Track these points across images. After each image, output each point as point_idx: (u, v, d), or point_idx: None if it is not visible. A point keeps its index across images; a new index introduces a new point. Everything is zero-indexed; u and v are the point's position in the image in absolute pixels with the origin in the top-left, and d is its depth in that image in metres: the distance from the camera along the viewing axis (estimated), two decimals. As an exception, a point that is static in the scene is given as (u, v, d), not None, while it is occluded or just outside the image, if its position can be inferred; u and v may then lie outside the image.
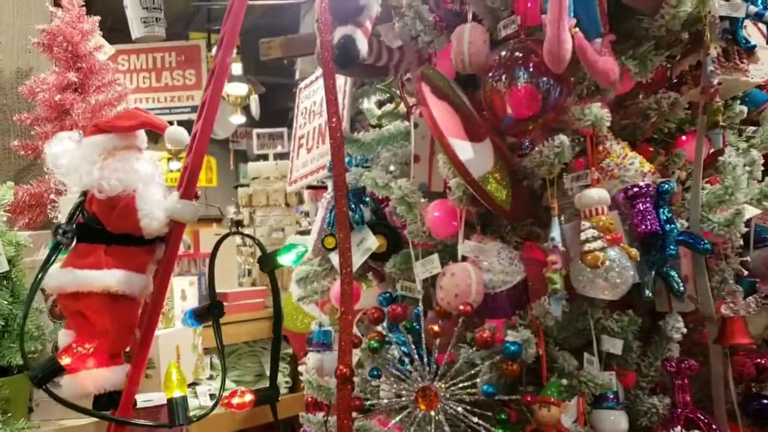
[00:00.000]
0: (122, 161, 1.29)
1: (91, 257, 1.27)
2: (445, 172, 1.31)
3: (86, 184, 1.30)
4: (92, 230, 1.29)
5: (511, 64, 1.27)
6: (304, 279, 1.65)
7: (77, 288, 1.27)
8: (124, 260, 1.28)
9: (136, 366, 1.32)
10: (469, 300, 1.26)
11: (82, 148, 1.32)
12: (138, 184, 1.28)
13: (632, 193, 1.27)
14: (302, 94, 1.95)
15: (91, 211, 1.29)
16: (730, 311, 1.26)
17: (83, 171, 1.29)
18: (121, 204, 1.27)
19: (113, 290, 1.26)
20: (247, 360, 3.59)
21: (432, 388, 1.27)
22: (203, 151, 1.32)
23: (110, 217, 1.28)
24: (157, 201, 1.28)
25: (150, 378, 1.99)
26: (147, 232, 1.28)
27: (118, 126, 1.34)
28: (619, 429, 1.29)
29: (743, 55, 1.43)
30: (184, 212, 1.30)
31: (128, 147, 1.34)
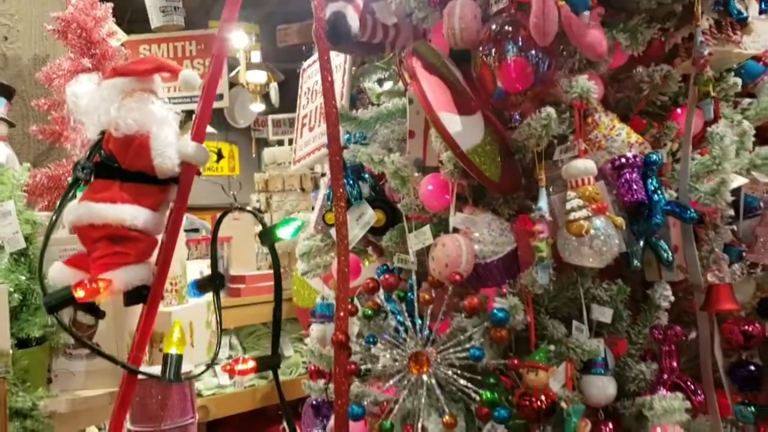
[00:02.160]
0: (138, 102, 1.36)
1: (107, 192, 1.34)
2: (437, 146, 1.35)
3: (104, 123, 1.36)
4: (108, 168, 1.36)
5: (501, 38, 1.30)
6: (307, 254, 1.71)
7: (92, 220, 1.35)
8: (137, 197, 1.35)
9: (150, 307, 1.37)
10: (459, 270, 1.30)
11: (101, 89, 1.39)
12: (153, 126, 1.35)
13: (619, 163, 1.30)
14: (305, 75, 1.99)
15: (107, 149, 1.36)
16: (716, 278, 1.29)
17: (101, 111, 1.36)
18: (136, 143, 1.33)
19: (126, 224, 1.33)
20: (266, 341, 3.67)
21: (424, 353, 1.31)
22: (212, 97, 1.38)
23: (125, 154, 1.34)
24: (170, 142, 1.35)
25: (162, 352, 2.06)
26: (160, 170, 1.35)
27: (135, 70, 1.41)
28: (607, 394, 1.32)
29: (736, 26, 1.44)
30: (194, 153, 1.36)
31: (144, 90, 1.41)
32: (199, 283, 1.46)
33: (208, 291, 1.45)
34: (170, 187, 1.40)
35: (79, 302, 1.31)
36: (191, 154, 1.35)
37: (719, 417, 1.32)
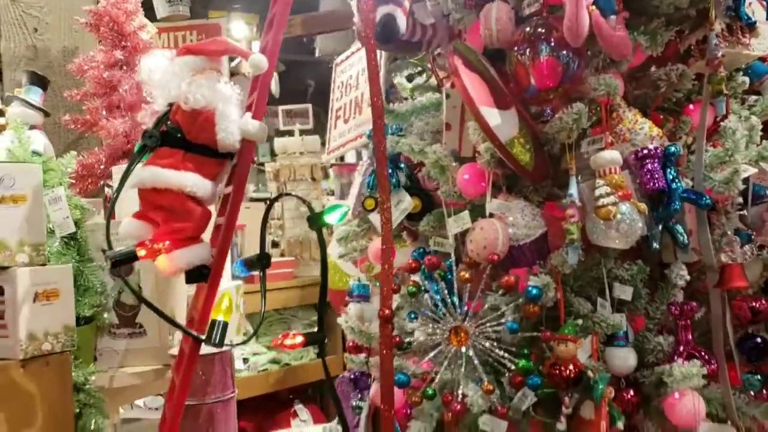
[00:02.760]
0: (208, 80, 1.47)
1: (171, 159, 1.45)
2: (474, 137, 1.47)
3: (174, 97, 1.47)
4: (174, 137, 1.47)
5: (535, 39, 1.42)
6: (344, 238, 1.82)
7: (155, 184, 1.45)
8: (198, 166, 1.46)
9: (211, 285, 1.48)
10: (496, 251, 1.43)
11: (174, 65, 1.50)
12: (219, 102, 1.46)
13: (642, 154, 1.43)
14: (338, 69, 2.10)
15: (174, 120, 1.47)
16: (729, 258, 1.42)
17: (173, 85, 1.47)
18: (202, 117, 1.45)
19: (187, 190, 1.44)
20: (278, 327, 3.77)
21: (463, 327, 1.44)
22: (269, 79, 1.53)
23: (192, 127, 1.45)
24: (234, 119, 1.47)
25: (199, 331, 2.17)
26: (222, 145, 1.46)
27: (207, 50, 1.52)
28: (628, 364, 1.46)
29: (745, 30, 1.57)
30: (255, 131, 1.48)
31: (213, 69, 1.51)
32: (247, 262, 1.58)
33: (256, 269, 1.57)
34: (226, 162, 1.52)
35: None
36: (252, 131, 1.48)
37: (729, 385, 1.46)
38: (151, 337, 2.01)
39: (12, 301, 1.53)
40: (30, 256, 1.57)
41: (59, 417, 1.56)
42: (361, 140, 1.88)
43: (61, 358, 1.58)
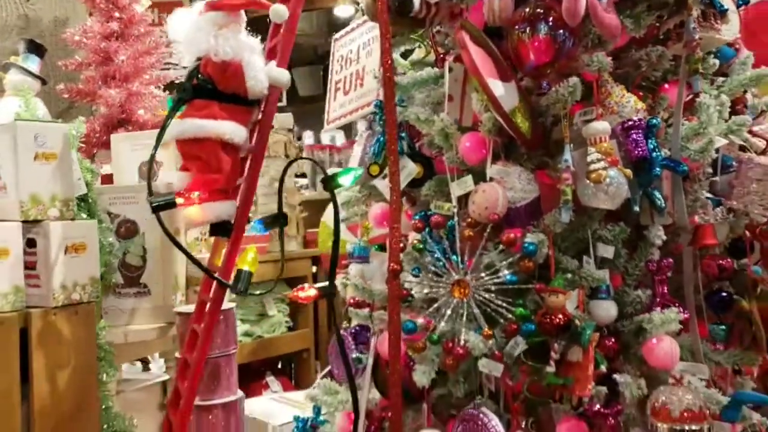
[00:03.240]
0: (233, 33, 1.58)
1: (207, 110, 1.56)
2: (478, 107, 1.61)
3: (203, 50, 1.58)
4: (206, 89, 1.58)
5: (534, 18, 1.56)
6: (346, 203, 1.95)
7: (195, 134, 1.57)
8: (233, 115, 1.57)
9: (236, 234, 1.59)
10: (497, 211, 1.57)
11: (199, 22, 1.60)
12: (245, 53, 1.57)
13: (628, 125, 1.58)
14: (337, 44, 2.21)
15: (205, 73, 1.58)
16: (702, 219, 1.60)
17: (201, 39, 1.57)
18: (232, 67, 1.56)
19: (226, 138, 1.56)
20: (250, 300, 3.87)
21: (465, 280, 1.58)
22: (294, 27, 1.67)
23: (222, 77, 1.56)
24: (260, 67, 1.59)
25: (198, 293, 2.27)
26: (252, 92, 1.58)
27: (228, 5, 1.63)
28: (610, 315, 1.61)
29: (717, 17, 1.74)
30: (280, 77, 1.60)
31: (234, 22, 1.62)
32: (266, 221, 1.69)
33: (274, 227, 1.68)
34: (254, 109, 1.64)
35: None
36: (278, 78, 1.60)
37: (698, 334, 1.64)
38: (156, 297, 2.11)
39: (45, 253, 1.61)
40: (61, 211, 1.65)
41: (86, 362, 1.66)
42: (364, 110, 2.00)
43: (88, 308, 1.67)
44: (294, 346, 4.08)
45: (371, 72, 1.99)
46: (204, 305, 1.68)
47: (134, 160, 2.26)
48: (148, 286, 2.09)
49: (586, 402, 1.55)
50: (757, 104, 1.96)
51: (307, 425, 2.08)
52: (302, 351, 4.14)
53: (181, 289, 2.19)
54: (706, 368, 1.56)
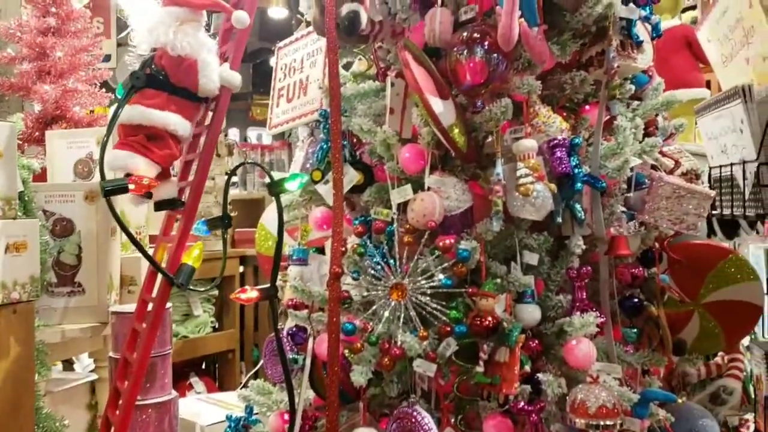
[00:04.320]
0: (193, 30, 1.62)
1: (157, 100, 1.60)
2: (417, 121, 1.71)
3: (162, 42, 1.62)
4: (158, 80, 1.61)
5: (471, 42, 1.67)
6: (287, 206, 2.00)
7: (141, 121, 1.61)
8: (180, 108, 1.62)
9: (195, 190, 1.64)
10: (434, 219, 1.67)
11: (161, 14, 1.64)
12: (202, 51, 1.62)
13: (553, 143, 1.71)
14: (281, 53, 2.27)
15: (160, 64, 1.62)
16: (617, 231, 1.76)
17: (161, 32, 1.60)
18: (187, 63, 1.60)
19: (170, 129, 1.61)
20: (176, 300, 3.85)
21: (402, 284, 1.68)
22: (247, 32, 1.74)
23: (176, 71, 1.61)
24: (214, 67, 1.64)
25: (132, 293, 2.27)
26: (203, 90, 1.63)
27: (192, 3, 1.67)
28: (534, 318, 1.74)
29: (634, 47, 1.91)
30: (232, 79, 1.66)
31: (195, 20, 1.66)
32: (210, 222, 1.73)
33: (217, 228, 1.72)
34: (201, 106, 1.68)
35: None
36: (230, 80, 1.66)
37: (612, 337, 1.80)
38: (90, 296, 2.10)
39: (-15, 251, 1.59)
40: (3, 210, 1.64)
41: (24, 362, 1.65)
42: (307, 118, 2.06)
43: (27, 307, 1.67)
44: (219, 347, 4.08)
45: (315, 82, 2.06)
46: (146, 304, 1.71)
47: (69, 157, 2.25)
48: (82, 285, 2.08)
49: (512, 400, 1.66)
50: (667, 126, 2.16)
51: (239, 425, 2.12)
52: (228, 352, 4.14)
53: (115, 289, 2.18)
54: (619, 368, 1.71)
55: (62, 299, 2.08)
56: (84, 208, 1.96)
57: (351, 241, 1.85)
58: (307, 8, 2.07)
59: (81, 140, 2.27)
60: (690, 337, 1.98)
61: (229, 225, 1.71)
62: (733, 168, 2.08)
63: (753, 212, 2.01)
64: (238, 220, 4.55)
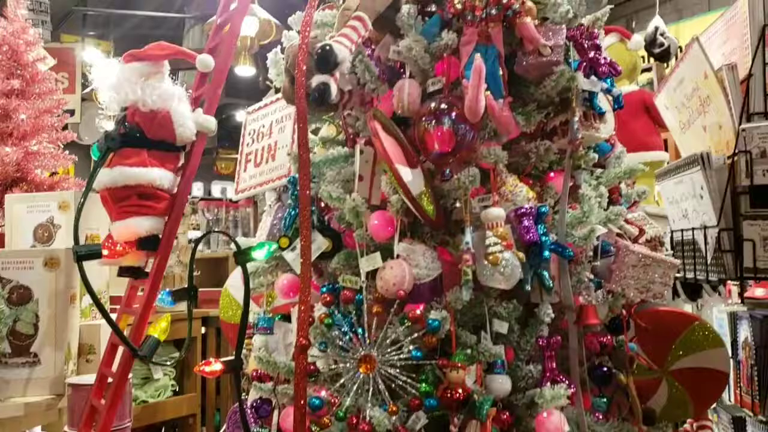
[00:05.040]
0: (158, 82, 1.61)
1: (137, 158, 1.58)
2: (387, 189, 1.71)
3: (132, 100, 1.61)
4: (134, 137, 1.59)
5: (440, 113, 1.70)
6: (253, 273, 1.97)
7: (126, 182, 1.59)
8: (162, 161, 1.61)
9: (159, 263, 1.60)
10: (404, 288, 1.66)
11: (123, 72, 1.62)
12: (173, 101, 1.60)
13: (520, 212, 1.73)
14: (249, 117, 2.27)
15: (133, 122, 1.60)
16: (585, 300, 1.76)
17: (128, 89, 1.59)
18: (160, 116, 1.59)
19: (156, 184, 1.58)
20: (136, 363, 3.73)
21: (371, 355, 1.65)
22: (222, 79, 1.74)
23: (151, 126, 1.59)
24: (188, 115, 1.63)
25: (90, 363, 2.19)
26: (181, 139, 1.62)
27: (153, 55, 1.67)
28: (505, 389, 1.72)
29: (596, 117, 1.96)
30: (208, 124, 1.66)
31: (159, 72, 1.65)
32: (175, 293, 1.69)
33: (183, 300, 1.68)
34: (181, 154, 1.68)
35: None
36: (206, 124, 1.66)
37: (583, 406, 1.78)
38: (47, 367, 2.02)
39: None
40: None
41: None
42: (274, 183, 2.05)
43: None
44: (180, 411, 3.94)
45: (284, 147, 2.06)
46: (105, 378, 1.64)
47: (29, 222, 2.19)
48: (38, 355, 2.00)
49: (484, 473, 1.62)
50: (631, 193, 2.20)
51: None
52: (188, 416, 4.01)
53: (73, 358, 2.10)
54: (590, 439, 1.69)
55: (17, 370, 1.99)
56: (43, 275, 1.89)
57: (318, 309, 1.82)
58: (276, 75, 2.09)
59: (42, 204, 2.22)
60: (659, 404, 1.98)
61: (196, 297, 1.67)
62: (695, 232, 2.12)
63: (715, 277, 2.04)
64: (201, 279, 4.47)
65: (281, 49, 2.07)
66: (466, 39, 1.73)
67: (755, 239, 1.89)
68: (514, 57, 1.82)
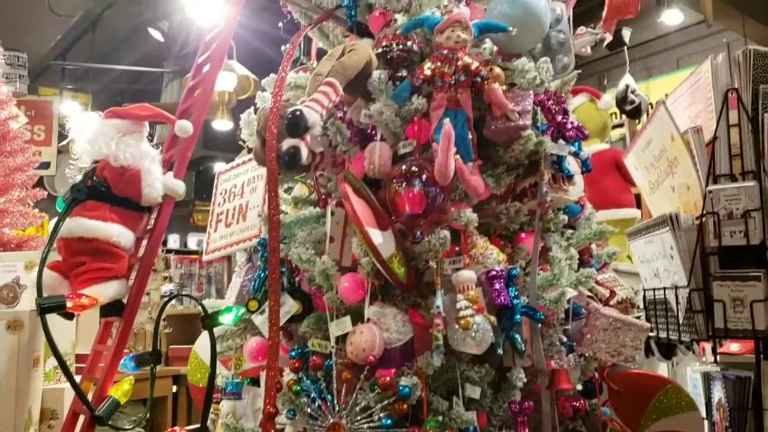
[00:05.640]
0: (135, 141, 1.61)
1: (98, 212, 1.56)
2: (357, 251, 1.70)
3: (105, 154, 1.61)
4: (100, 191, 1.58)
5: (410, 175, 1.71)
6: (221, 336, 1.93)
7: (83, 234, 1.57)
8: (123, 219, 1.59)
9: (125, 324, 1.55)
10: (374, 353, 1.63)
11: (102, 126, 1.62)
12: (145, 161, 1.60)
13: (492, 275, 1.73)
14: (221, 177, 2.27)
15: (102, 176, 1.59)
16: (557, 364, 1.75)
17: (103, 143, 1.59)
18: (129, 173, 1.59)
19: (113, 240, 1.56)
20: (105, 428, 3.63)
21: (340, 424, 1.61)
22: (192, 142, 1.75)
23: (119, 181, 1.59)
24: (158, 177, 1.62)
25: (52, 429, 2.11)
26: (146, 199, 1.61)
27: (133, 114, 1.67)
28: (478, 455, 1.70)
29: (565, 180, 1.99)
30: (176, 188, 1.64)
31: (137, 131, 1.65)
32: (138, 358, 1.65)
33: (146, 365, 1.64)
34: (146, 215, 1.66)
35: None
36: (174, 188, 1.65)
37: (557, 472, 1.75)
38: (5, 431, 1.94)
39: None
40: None
41: None
42: (245, 244, 2.04)
43: None
44: (144, 477, 3.82)
45: (255, 208, 2.06)
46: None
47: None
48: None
49: None
50: (601, 254, 2.21)
51: None
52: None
53: (34, 425, 2.03)
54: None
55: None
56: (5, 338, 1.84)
57: (287, 374, 1.78)
58: (248, 135, 2.10)
59: (8, 264, 2.17)
60: (634, 468, 1.95)
61: (159, 362, 1.63)
62: (667, 292, 2.14)
63: (688, 337, 2.05)
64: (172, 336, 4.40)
65: (254, 109, 2.09)
66: (436, 104, 1.76)
67: (725, 300, 1.91)
68: (483, 121, 1.85)
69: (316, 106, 1.62)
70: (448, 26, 1.76)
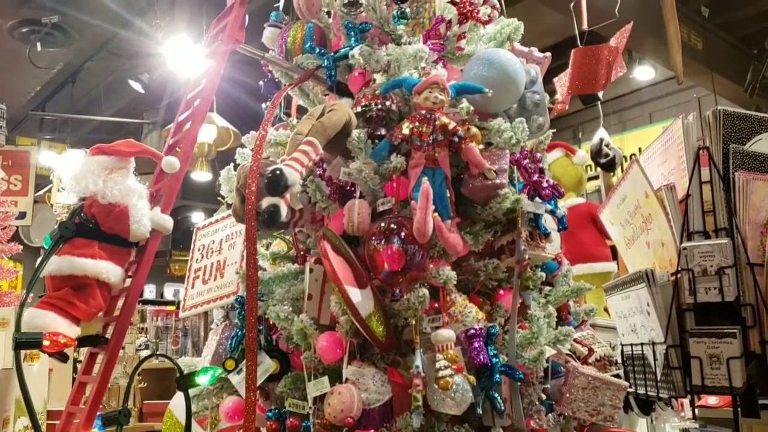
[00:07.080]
0: (122, 177, 1.60)
1: (87, 249, 1.54)
2: (336, 309, 1.69)
3: (92, 191, 1.60)
4: (88, 228, 1.56)
5: (389, 233, 1.72)
6: (197, 396, 1.89)
7: (73, 272, 1.56)
8: (111, 255, 1.57)
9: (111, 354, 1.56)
10: (352, 414, 1.61)
11: (88, 164, 1.61)
12: (132, 197, 1.59)
13: (471, 333, 1.72)
14: (200, 233, 2.26)
15: (89, 213, 1.58)
16: (537, 425, 1.73)
17: (90, 181, 1.57)
18: (117, 210, 1.58)
19: (102, 277, 1.53)
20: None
21: (318, 487, 1.57)
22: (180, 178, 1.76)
23: (107, 218, 1.57)
24: (145, 212, 1.61)
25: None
26: (134, 235, 1.59)
27: (120, 151, 1.66)
28: None
29: (542, 237, 2.01)
30: (164, 223, 1.64)
31: (124, 168, 1.64)
32: (105, 417, 1.61)
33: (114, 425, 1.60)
34: (133, 249, 1.64)
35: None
36: (162, 223, 1.64)
37: None
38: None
39: None
40: None
41: None
42: (222, 301, 2.02)
43: None
44: None
45: (233, 264, 2.05)
46: None
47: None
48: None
49: None
50: (579, 311, 2.22)
51: None
52: None
53: (-1, 490, 1.96)
54: None
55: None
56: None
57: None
58: (228, 191, 2.10)
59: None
60: None
61: (127, 422, 1.59)
62: (644, 348, 2.14)
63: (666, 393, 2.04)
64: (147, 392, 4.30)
65: (234, 165, 2.10)
66: (414, 162, 1.78)
67: (702, 357, 1.91)
68: (461, 179, 1.87)
69: (296, 165, 1.63)
70: (426, 87, 1.80)
